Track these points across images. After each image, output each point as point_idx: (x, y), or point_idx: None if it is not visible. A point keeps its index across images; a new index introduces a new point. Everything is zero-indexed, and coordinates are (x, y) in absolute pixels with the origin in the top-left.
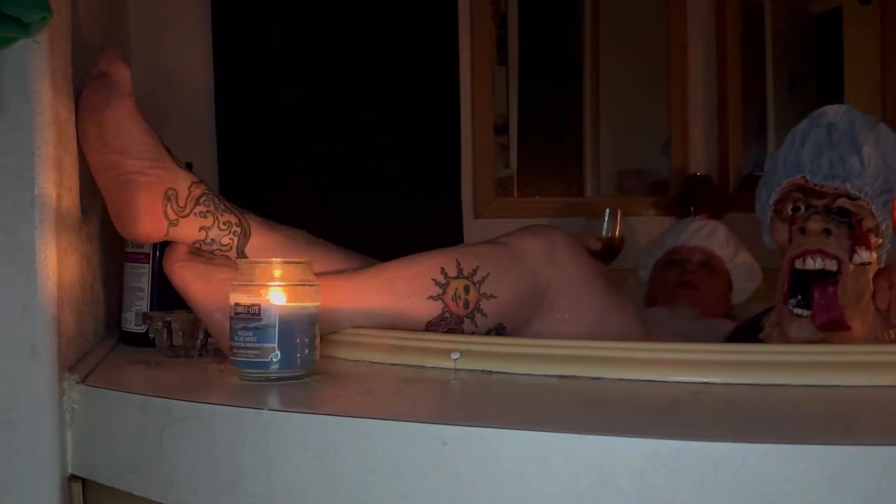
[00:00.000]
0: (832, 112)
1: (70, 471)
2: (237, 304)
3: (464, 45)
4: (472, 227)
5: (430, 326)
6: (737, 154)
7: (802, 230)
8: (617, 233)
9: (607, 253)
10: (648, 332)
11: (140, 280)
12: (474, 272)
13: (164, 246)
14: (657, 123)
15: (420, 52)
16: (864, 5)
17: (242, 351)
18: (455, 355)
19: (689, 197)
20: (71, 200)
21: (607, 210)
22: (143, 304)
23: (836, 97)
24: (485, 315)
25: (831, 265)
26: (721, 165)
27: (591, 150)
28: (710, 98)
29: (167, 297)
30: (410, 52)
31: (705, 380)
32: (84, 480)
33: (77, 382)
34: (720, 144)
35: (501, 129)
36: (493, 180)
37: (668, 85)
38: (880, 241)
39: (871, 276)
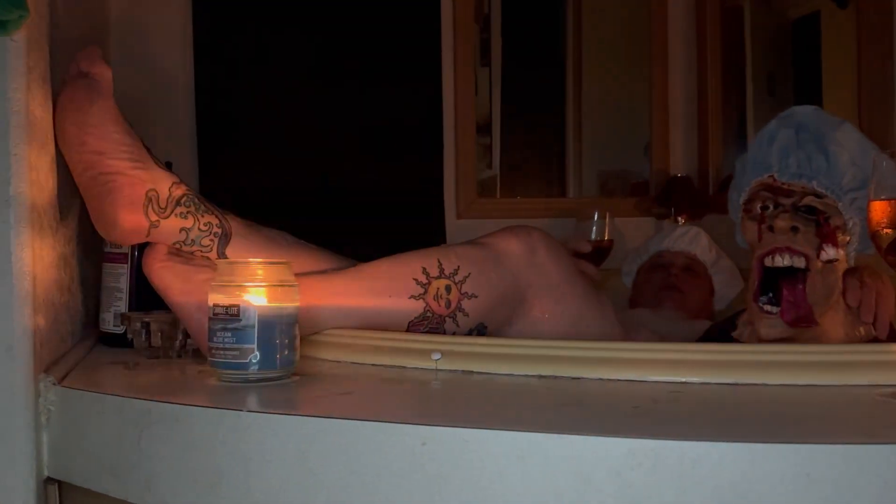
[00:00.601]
0: (800, 112)
1: (46, 473)
2: (216, 305)
3: (446, 45)
4: (455, 227)
5: (412, 326)
6: (716, 156)
7: (771, 228)
8: (606, 235)
9: (596, 255)
10: (628, 333)
11: (118, 280)
12: (455, 272)
13: (143, 246)
14: (639, 125)
15: (403, 53)
16: (841, 8)
17: (221, 352)
18: (436, 356)
19: (669, 198)
20: (48, 200)
21: (595, 213)
22: (122, 305)
23: (815, 100)
24: (466, 314)
25: (799, 262)
26: (701, 167)
27: (573, 152)
28: (691, 101)
29: (146, 297)
30: (393, 52)
31: (683, 379)
32: (60, 483)
33: (53, 384)
34: (700, 147)
35: (484, 130)
36: (475, 181)
37: (650, 87)
38: (847, 238)
39: (839, 273)
